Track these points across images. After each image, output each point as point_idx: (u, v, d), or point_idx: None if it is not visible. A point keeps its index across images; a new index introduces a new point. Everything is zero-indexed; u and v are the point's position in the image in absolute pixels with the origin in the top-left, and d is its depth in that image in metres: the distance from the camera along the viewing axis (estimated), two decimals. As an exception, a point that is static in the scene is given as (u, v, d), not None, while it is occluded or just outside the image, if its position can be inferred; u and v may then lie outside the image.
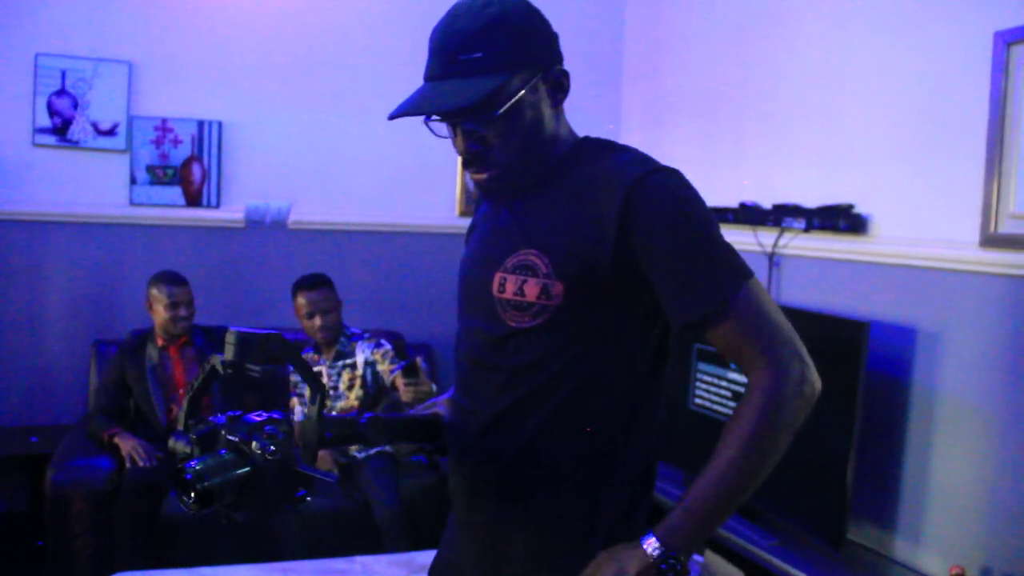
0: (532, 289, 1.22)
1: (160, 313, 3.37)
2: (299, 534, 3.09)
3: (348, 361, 3.44)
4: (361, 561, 2.52)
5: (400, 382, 2.69)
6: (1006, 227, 2.44)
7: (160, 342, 3.42)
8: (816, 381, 1.16)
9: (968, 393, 2.54)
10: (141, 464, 3.08)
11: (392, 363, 3.38)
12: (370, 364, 3.42)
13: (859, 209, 2.90)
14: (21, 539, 3.40)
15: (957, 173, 2.57)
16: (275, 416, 1.19)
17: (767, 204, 3.20)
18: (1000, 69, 2.44)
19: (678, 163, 1.27)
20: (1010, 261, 2.40)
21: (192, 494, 1.09)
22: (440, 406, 1.43)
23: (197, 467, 1.11)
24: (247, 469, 1.13)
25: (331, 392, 3.42)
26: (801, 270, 3.10)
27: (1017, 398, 2.40)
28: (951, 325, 2.58)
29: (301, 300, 3.38)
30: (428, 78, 1.26)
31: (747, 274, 1.18)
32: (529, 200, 1.29)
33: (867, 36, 2.90)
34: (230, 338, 1.19)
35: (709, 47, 3.66)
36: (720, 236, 1.20)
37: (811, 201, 3.04)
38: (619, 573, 1.10)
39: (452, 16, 1.25)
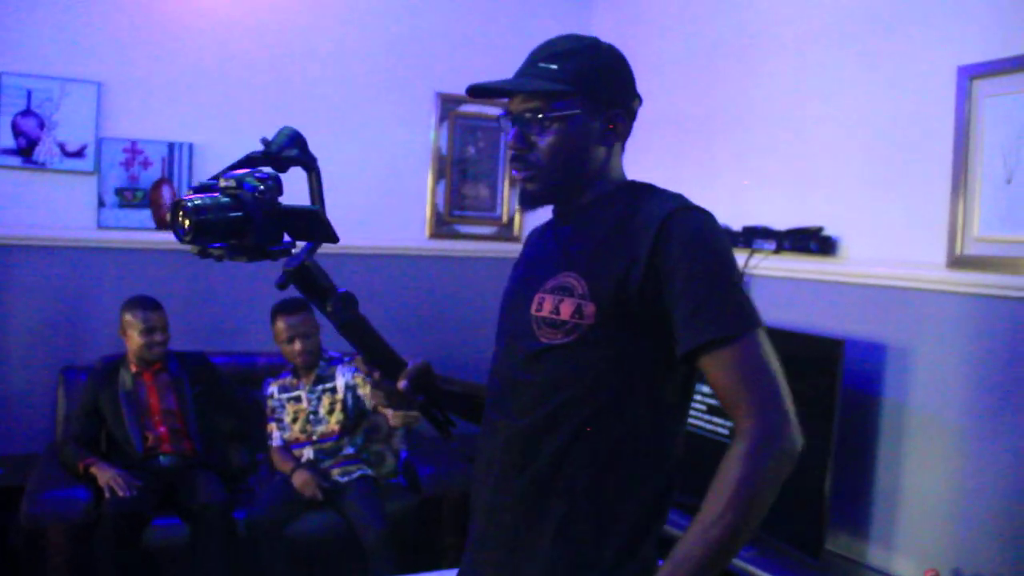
0: (567, 308, 1.30)
1: (134, 339, 3.33)
2: (285, 561, 3.08)
3: (328, 385, 3.44)
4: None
5: (389, 412, 2.74)
6: (971, 249, 2.58)
7: (134, 368, 3.37)
8: (799, 440, 1.20)
9: (937, 406, 2.67)
10: (121, 494, 3.02)
11: None
12: (351, 388, 3.42)
13: (829, 231, 3.03)
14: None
15: (924, 198, 2.71)
16: (261, 169, 1.27)
17: (737, 226, 3.32)
18: (963, 100, 2.60)
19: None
20: (975, 281, 2.55)
21: (187, 223, 1.17)
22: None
23: (196, 202, 1.18)
24: (239, 213, 1.21)
25: (311, 416, 3.42)
26: (772, 290, 3.21)
27: (983, 410, 2.54)
28: (920, 342, 2.72)
29: (280, 325, 3.37)
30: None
31: (756, 323, 1.24)
32: (574, 229, 1.39)
33: (837, 65, 3.04)
34: (284, 130, 1.36)
35: (679, 72, 3.77)
36: (739, 282, 1.27)
37: (781, 224, 3.17)
38: None
39: (555, 38, 1.39)
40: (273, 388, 3.50)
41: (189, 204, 1.18)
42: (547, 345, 1.32)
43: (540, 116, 1.33)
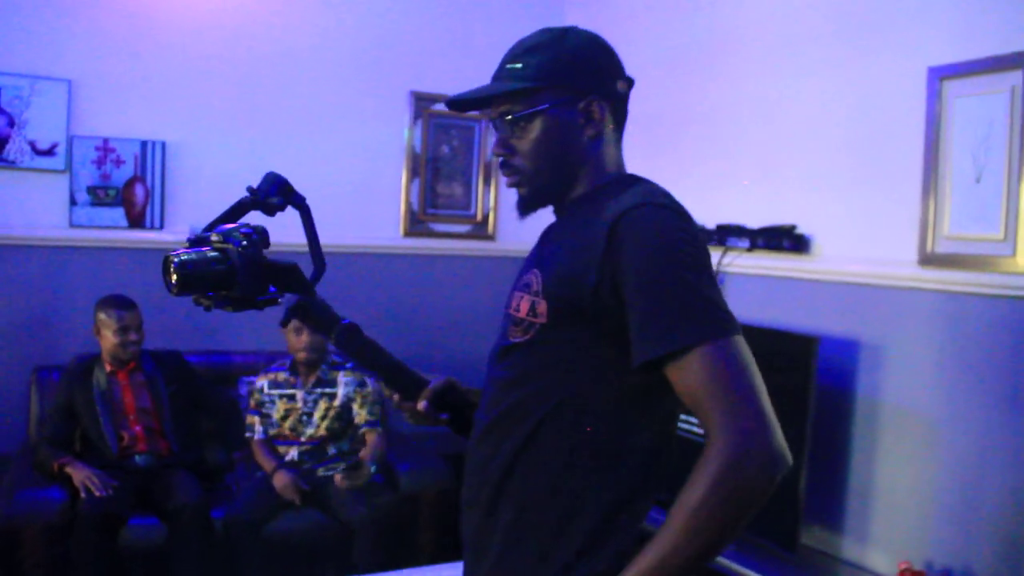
0: (524, 305, 1.28)
1: (109, 338, 3.30)
2: (263, 559, 3.07)
3: (328, 390, 3.43)
4: (339, 583, 2.53)
5: (339, 476, 3.12)
6: (942, 247, 2.64)
7: (108, 367, 3.34)
8: (783, 456, 1.09)
9: (909, 401, 2.72)
10: (97, 494, 3.00)
11: (370, 413, 3.42)
12: (350, 400, 3.43)
13: (802, 229, 3.07)
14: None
15: (895, 197, 2.76)
16: (248, 224, 1.33)
17: (711, 224, 3.35)
18: (934, 101, 2.65)
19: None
20: (946, 278, 2.60)
21: (175, 277, 1.26)
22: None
23: (183, 256, 1.27)
24: (224, 267, 1.28)
25: (303, 417, 3.40)
26: (745, 287, 3.25)
27: (954, 405, 2.59)
28: (892, 339, 2.77)
29: (290, 336, 3.38)
30: None
31: (724, 330, 1.13)
32: (560, 225, 1.37)
33: (809, 65, 3.08)
34: (268, 176, 1.41)
35: (652, 71, 3.78)
36: (704, 283, 1.16)
37: (754, 222, 3.21)
38: None
39: (526, 36, 1.36)
40: (263, 382, 3.47)
41: (176, 259, 1.25)
42: (511, 343, 1.30)
43: (510, 118, 1.31)
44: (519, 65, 1.31)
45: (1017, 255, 2.42)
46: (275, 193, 1.38)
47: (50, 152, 3.57)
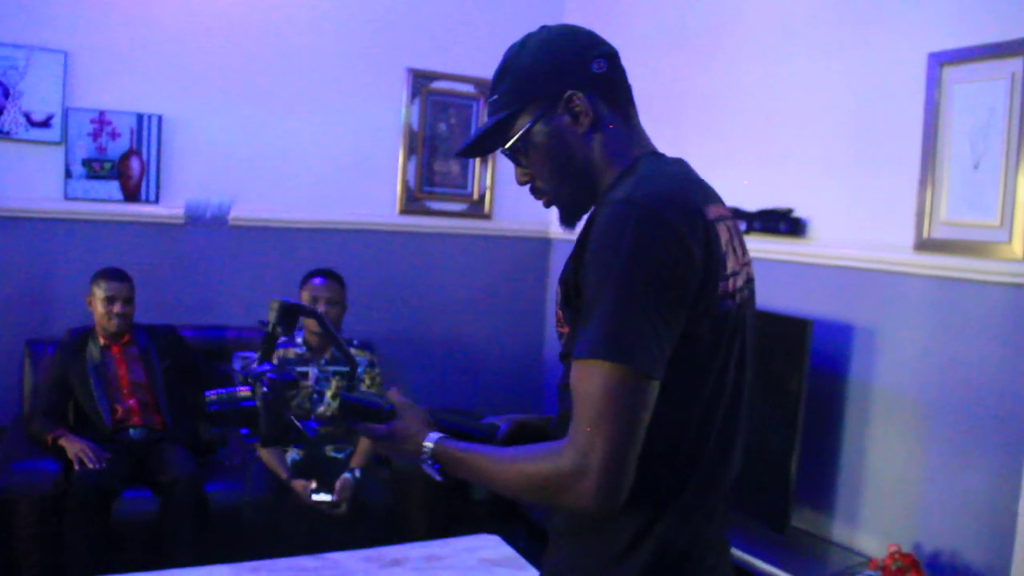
0: (557, 317, 1.28)
1: (97, 309, 3.30)
2: (275, 537, 3.06)
3: (343, 368, 3.35)
4: (332, 558, 2.54)
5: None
6: (938, 232, 2.64)
7: (102, 341, 3.34)
8: (605, 503, 1.10)
9: (901, 386, 2.74)
10: (90, 466, 3.00)
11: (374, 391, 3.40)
12: (360, 379, 3.40)
13: (798, 213, 3.08)
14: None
15: (893, 182, 2.76)
16: (268, 367, 1.44)
17: (708, 206, 3.35)
18: (933, 87, 2.65)
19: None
20: (941, 264, 2.61)
21: (206, 415, 1.43)
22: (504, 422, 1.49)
23: (212, 396, 1.42)
24: (253, 404, 1.42)
25: (314, 396, 3.36)
26: (741, 270, 3.25)
27: (945, 390, 2.61)
28: (886, 323, 2.78)
29: (308, 286, 3.38)
30: None
31: (616, 356, 1.08)
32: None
33: (809, 50, 3.07)
34: (274, 305, 1.48)
35: (650, 54, 3.78)
36: (630, 298, 1.09)
37: (751, 205, 3.21)
38: (395, 451, 1.33)
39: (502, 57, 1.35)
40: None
41: (207, 396, 1.43)
42: (562, 352, 1.28)
43: (509, 149, 1.30)
44: (495, 97, 1.31)
45: (1013, 242, 2.42)
46: (280, 321, 1.47)
47: (45, 124, 3.54)
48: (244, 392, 1.42)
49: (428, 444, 1.28)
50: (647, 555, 1.21)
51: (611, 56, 1.32)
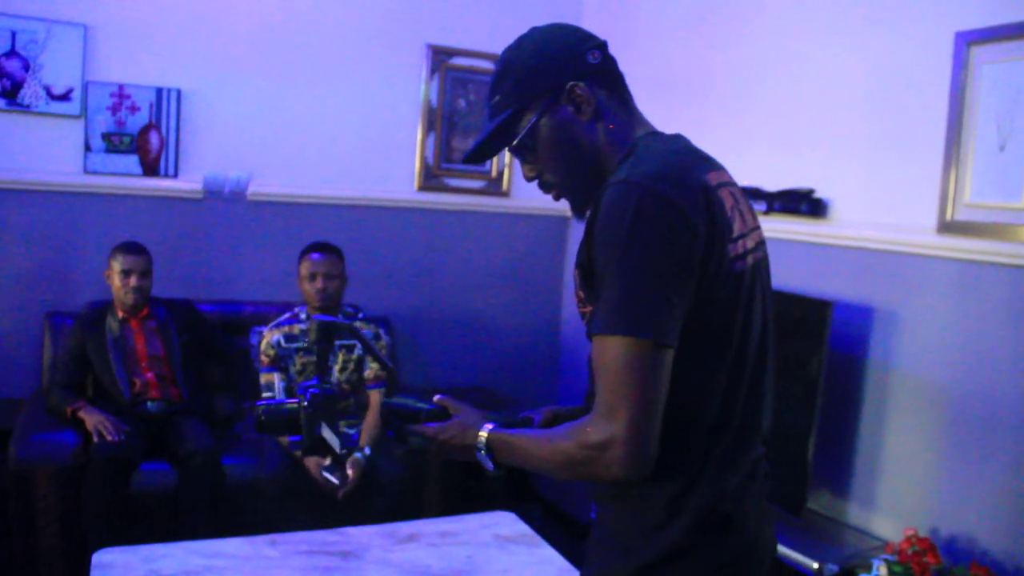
0: (578, 297, 1.32)
1: (115, 282, 3.32)
2: (282, 507, 3.09)
3: (348, 341, 3.38)
4: (347, 532, 2.55)
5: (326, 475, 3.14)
6: (962, 215, 2.60)
7: (120, 314, 3.36)
8: (636, 467, 1.14)
9: (921, 369, 2.71)
10: (109, 439, 3.03)
11: (382, 369, 3.37)
12: (365, 352, 3.40)
13: (820, 194, 3.04)
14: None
15: (916, 163, 2.72)
16: (314, 382, 1.61)
17: (728, 186, 3.32)
18: (960, 67, 2.60)
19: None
20: (964, 247, 2.57)
21: (256, 424, 1.61)
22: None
23: (260, 406, 1.61)
24: (296, 417, 1.59)
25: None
26: (761, 251, 3.22)
27: (966, 374, 2.58)
28: (907, 306, 2.75)
29: (306, 262, 3.37)
30: None
31: (629, 329, 1.13)
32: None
33: (832, 29, 3.03)
34: (313, 325, 1.72)
35: (671, 32, 3.75)
36: (636, 274, 1.14)
37: (772, 185, 3.17)
38: (451, 447, 1.37)
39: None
40: (277, 336, 3.38)
41: (257, 407, 1.61)
42: (586, 333, 1.29)
43: (515, 147, 1.35)
44: (497, 98, 1.35)
45: (1038, 225, 2.39)
46: (319, 340, 1.71)
47: (65, 97, 3.55)
48: (291, 404, 1.58)
49: (483, 434, 1.33)
50: (686, 521, 1.25)
51: (603, 47, 1.37)
